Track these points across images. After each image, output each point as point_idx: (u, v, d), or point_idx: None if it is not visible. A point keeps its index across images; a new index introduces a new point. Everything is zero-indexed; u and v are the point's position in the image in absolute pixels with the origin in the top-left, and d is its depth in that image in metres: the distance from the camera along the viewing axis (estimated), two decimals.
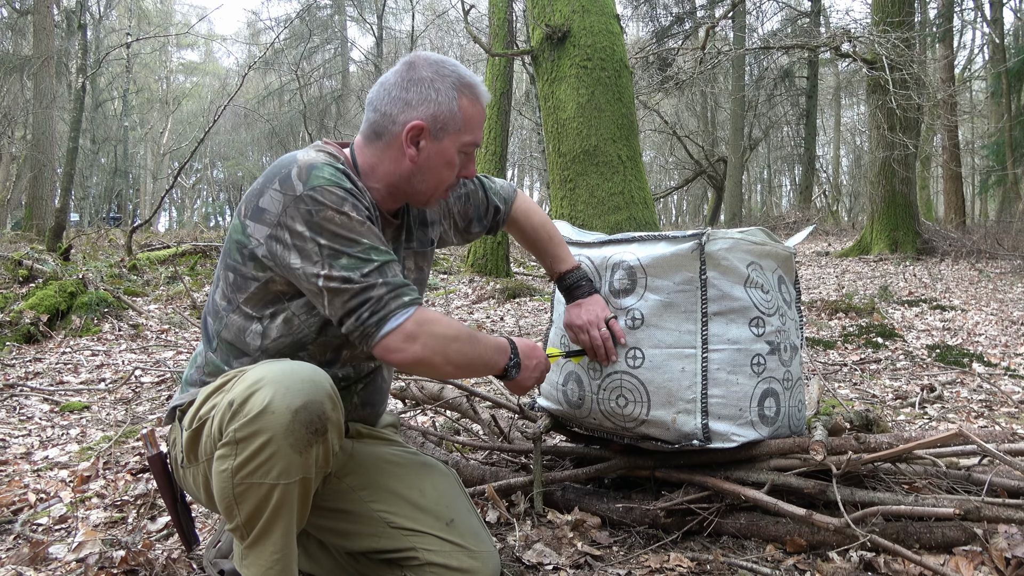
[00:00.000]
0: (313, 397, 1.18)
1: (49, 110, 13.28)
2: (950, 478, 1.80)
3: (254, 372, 1.22)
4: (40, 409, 3.24)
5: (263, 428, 1.16)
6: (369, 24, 24.12)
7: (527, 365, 1.50)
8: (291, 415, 1.16)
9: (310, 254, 1.26)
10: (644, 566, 1.65)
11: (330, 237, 1.26)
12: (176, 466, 1.42)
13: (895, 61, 9.73)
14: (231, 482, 1.19)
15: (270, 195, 1.29)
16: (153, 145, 30.96)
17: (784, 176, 32.24)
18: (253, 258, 1.33)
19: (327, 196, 1.27)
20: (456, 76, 1.39)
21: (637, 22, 17.65)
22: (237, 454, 1.17)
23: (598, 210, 5.36)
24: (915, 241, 10.83)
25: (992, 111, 16.52)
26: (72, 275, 5.71)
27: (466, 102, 1.39)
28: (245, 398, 1.17)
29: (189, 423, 1.32)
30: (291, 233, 1.27)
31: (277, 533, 1.22)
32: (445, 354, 1.32)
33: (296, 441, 1.17)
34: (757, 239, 1.75)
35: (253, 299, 1.36)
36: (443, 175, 1.43)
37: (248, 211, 1.32)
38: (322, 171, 1.29)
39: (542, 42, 5.61)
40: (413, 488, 1.46)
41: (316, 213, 1.26)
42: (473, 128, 1.41)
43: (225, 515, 1.23)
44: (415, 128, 1.37)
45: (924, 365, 4.10)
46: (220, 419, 1.20)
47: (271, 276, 1.33)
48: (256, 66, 16.84)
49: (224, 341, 1.40)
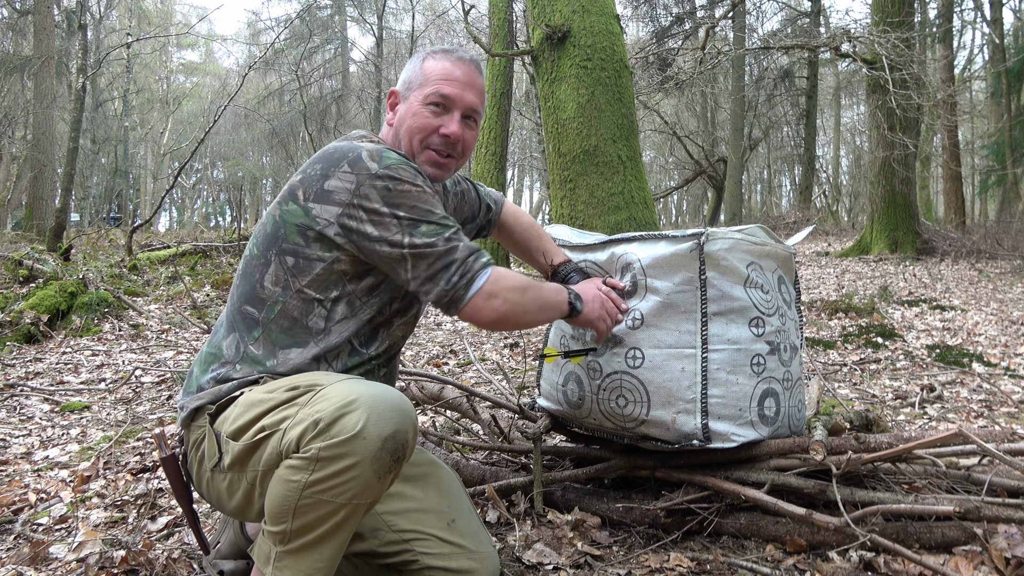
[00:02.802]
0: (401, 426, 1.19)
1: (49, 110, 13.28)
2: (950, 478, 1.80)
3: (341, 389, 1.21)
4: (40, 409, 3.24)
5: (351, 452, 1.15)
6: (369, 24, 24.12)
7: (586, 297, 1.60)
8: (381, 443, 1.16)
9: (389, 226, 1.33)
10: (644, 566, 1.65)
11: (408, 209, 1.34)
12: (199, 468, 1.38)
13: (895, 61, 9.73)
14: (298, 494, 1.17)
15: (339, 177, 1.35)
16: (153, 145, 30.95)
17: (784, 176, 32.23)
18: (320, 239, 1.36)
19: (403, 173, 1.35)
20: (433, 48, 1.55)
21: (637, 22, 17.64)
22: (314, 470, 1.16)
23: (598, 210, 5.36)
24: (915, 241, 10.83)
25: (992, 111, 16.53)
26: (72, 275, 5.71)
27: (430, 62, 1.52)
28: (335, 419, 1.16)
29: (240, 432, 1.27)
30: (365, 209, 1.33)
31: (329, 546, 1.21)
32: (523, 304, 1.43)
33: (379, 468, 1.17)
34: (757, 239, 1.75)
35: (317, 281, 1.38)
36: (415, 130, 1.50)
37: (311, 195, 1.36)
38: (391, 153, 1.38)
39: (542, 42, 5.61)
40: (417, 487, 1.46)
41: (394, 187, 1.34)
42: (433, 80, 1.50)
43: (272, 518, 1.21)
44: (391, 94, 1.56)
45: (924, 365, 4.10)
46: (300, 434, 1.17)
47: (338, 256, 1.37)
48: (256, 66, 16.83)
49: (277, 328, 1.38)
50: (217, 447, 1.32)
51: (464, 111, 1.50)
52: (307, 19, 21.49)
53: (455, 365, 4.06)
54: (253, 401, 1.29)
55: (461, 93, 1.49)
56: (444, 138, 1.49)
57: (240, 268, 1.46)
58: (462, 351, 4.41)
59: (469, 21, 7.00)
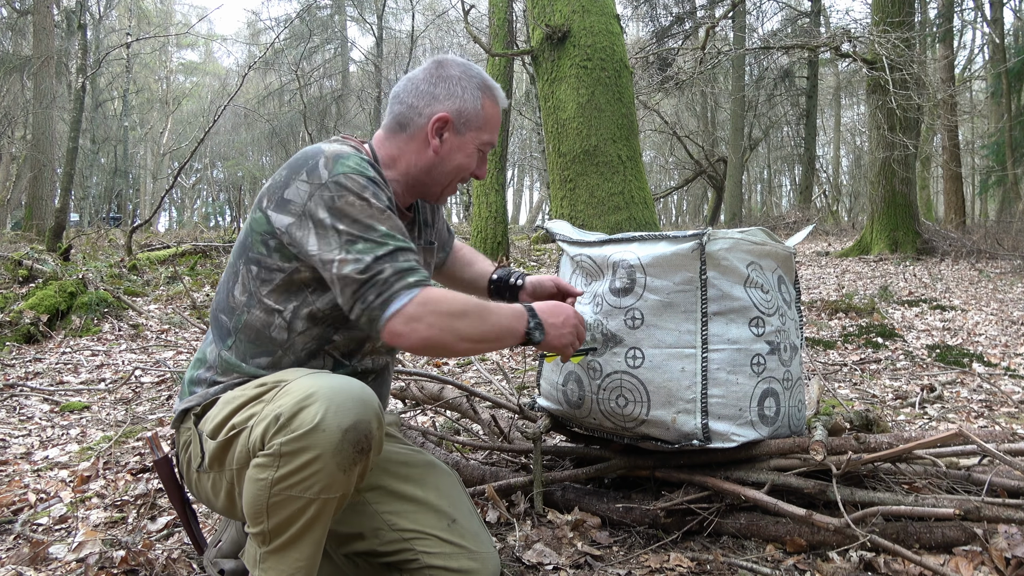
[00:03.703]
0: (362, 416, 1.18)
1: (49, 110, 13.28)
2: (950, 478, 1.80)
3: (302, 384, 1.21)
4: (40, 409, 3.24)
5: (311, 445, 1.15)
6: (369, 24, 24.12)
7: (552, 323, 1.44)
8: (341, 434, 1.15)
9: (329, 240, 1.27)
10: (644, 566, 1.65)
11: (349, 223, 1.27)
12: (188, 469, 1.39)
13: (895, 61, 9.73)
14: (267, 491, 1.18)
15: (296, 186, 1.31)
16: (153, 145, 30.96)
17: (784, 176, 32.23)
18: (279, 248, 1.33)
19: (350, 182, 1.29)
20: (481, 79, 1.48)
21: (637, 22, 17.66)
22: (279, 466, 1.16)
23: (598, 210, 5.36)
24: (915, 241, 10.82)
25: (992, 111, 16.53)
26: (72, 275, 5.71)
27: (488, 103, 1.47)
28: (294, 413, 1.16)
29: (216, 430, 1.29)
30: (313, 220, 1.28)
31: (306, 543, 1.22)
32: (454, 331, 1.28)
33: (343, 460, 1.17)
34: (757, 239, 1.75)
35: (277, 291, 1.35)
36: (460, 169, 1.48)
37: (272, 202, 1.33)
38: (348, 160, 1.32)
39: (542, 42, 5.61)
40: (417, 487, 1.46)
41: (338, 199, 1.28)
42: (492, 128, 1.49)
43: (250, 519, 1.22)
44: (441, 119, 1.43)
45: (924, 365, 4.10)
46: (263, 431, 1.18)
47: (297, 266, 1.33)
48: (256, 66, 16.84)
49: (244, 337, 1.38)
50: (200, 447, 1.33)
51: None
52: (307, 19, 21.50)
53: (455, 365, 4.06)
54: (227, 399, 1.31)
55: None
56: (473, 177, 1.53)
57: (222, 275, 1.46)
58: None
59: (469, 21, 7.00)
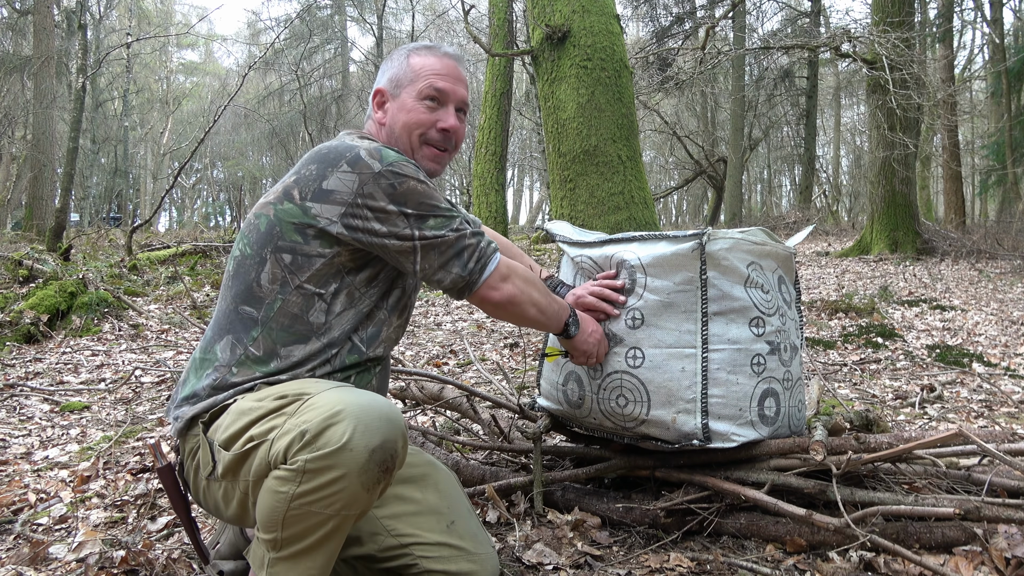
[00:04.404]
0: (389, 436, 1.17)
1: (49, 110, 13.29)
2: (950, 478, 1.80)
3: (328, 399, 1.19)
4: (40, 409, 3.24)
5: (338, 464, 1.14)
6: (369, 24, 24.11)
7: (584, 328, 1.64)
8: (368, 455, 1.15)
9: (397, 222, 1.36)
10: (644, 566, 1.65)
11: (415, 205, 1.37)
12: (195, 477, 1.37)
13: (895, 61, 9.73)
14: (286, 505, 1.16)
15: (338, 177, 1.35)
16: (153, 145, 30.96)
17: (784, 176, 32.23)
18: (321, 235, 1.37)
19: (405, 169, 1.37)
20: (413, 46, 1.55)
21: (637, 22, 17.66)
22: (302, 482, 1.15)
23: (598, 210, 5.36)
24: (915, 241, 10.82)
25: (992, 111, 16.52)
26: (72, 275, 5.71)
27: (416, 58, 1.53)
28: (321, 430, 1.15)
29: (231, 441, 1.26)
30: (373, 208, 1.35)
31: (321, 554, 1.21)
32: (529, 296, 1.48)
33: (367, 480, 1.16)
34: (757, 239, 1.75)
35: (317, 275, 1.38)
36: (411, 127, 1.51)
37: (309, 194, 1.37)
38: (389, 151, 1.39)
39: (542, 42, 5.61)
40: (417, 488, 1.46)
41: (399, 184, 1.35)
42: (425, 75, 1.51)
43: (262, 526, 1.20)
44: (376, 93, 1.56)
45: (924, 365, 4.10)
46: (287, 445, 1.16)
47: (338, 251, 1.38)
48: (256, 66, 16.83)
49: (277, 325, 1.38)
50: (211, 456, 1.31)
51: (457, 104, 1.53)
52: (307, 19, 21.50)
53: (455, 365, 4.06)
54: (243, 409, 1.28)
55: (453, 87, 1.52)
56: (442, 132, 1.52)
57: (231, 269, 1.44)
58: (462, 351, 4.41)
59: (469, 21, 7.00)
